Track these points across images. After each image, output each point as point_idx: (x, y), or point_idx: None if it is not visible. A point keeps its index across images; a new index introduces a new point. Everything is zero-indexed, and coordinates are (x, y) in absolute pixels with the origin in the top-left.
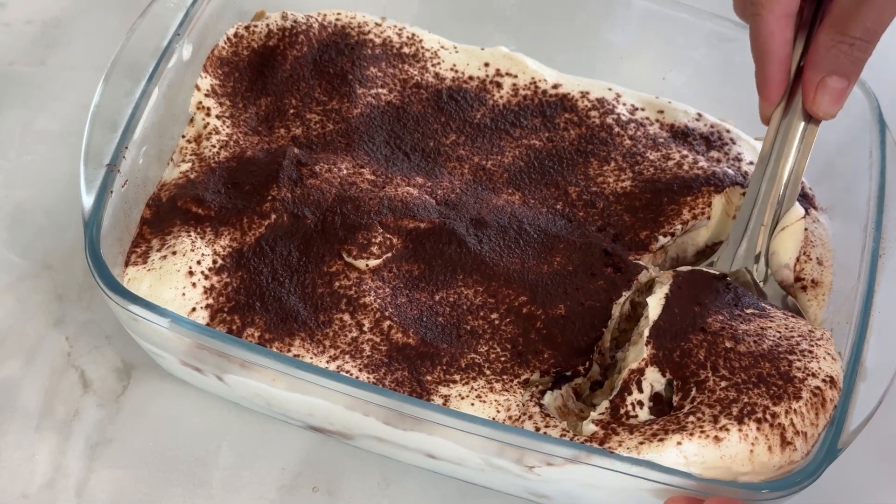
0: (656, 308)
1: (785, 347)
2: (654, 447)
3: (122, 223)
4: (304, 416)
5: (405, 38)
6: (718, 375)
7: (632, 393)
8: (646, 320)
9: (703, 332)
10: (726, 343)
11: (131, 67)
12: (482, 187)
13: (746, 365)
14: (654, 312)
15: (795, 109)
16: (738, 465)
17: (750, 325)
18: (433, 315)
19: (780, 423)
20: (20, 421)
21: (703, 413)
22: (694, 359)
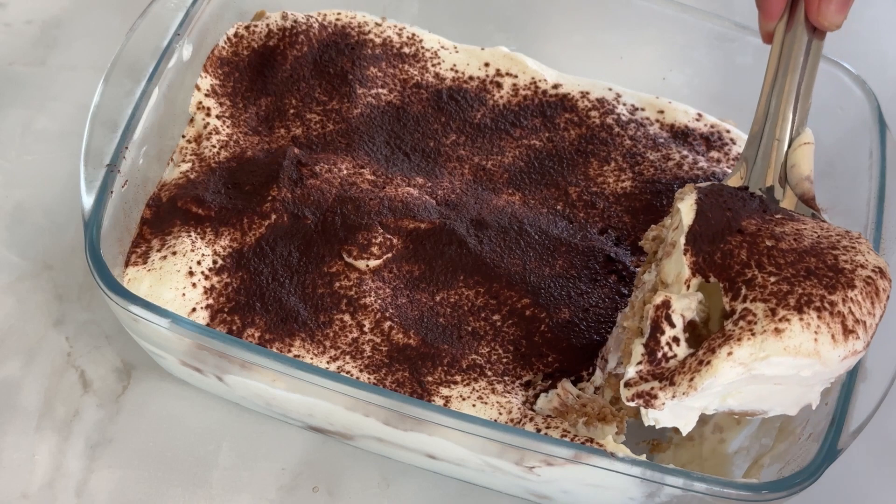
0: (689, 213)
1: (826, 244)
2: (705, 375)
3: (122, 223)
4: (304, 416)
5: (405, 38)
6: (766, 272)
7: (664, 331)
8: (675, 232)
9: (741, 234)
10: (766, 242)
11: (131, 67)
12: (482, 188)
13: (792, 260)
14: (688, 218)
15: (798, 23)
16: (803, 355)
17: (784, 227)
18: (434, 316)
19: (839, 311)
20: (20, 421)
21: (756, 311)
22: (736, 259)
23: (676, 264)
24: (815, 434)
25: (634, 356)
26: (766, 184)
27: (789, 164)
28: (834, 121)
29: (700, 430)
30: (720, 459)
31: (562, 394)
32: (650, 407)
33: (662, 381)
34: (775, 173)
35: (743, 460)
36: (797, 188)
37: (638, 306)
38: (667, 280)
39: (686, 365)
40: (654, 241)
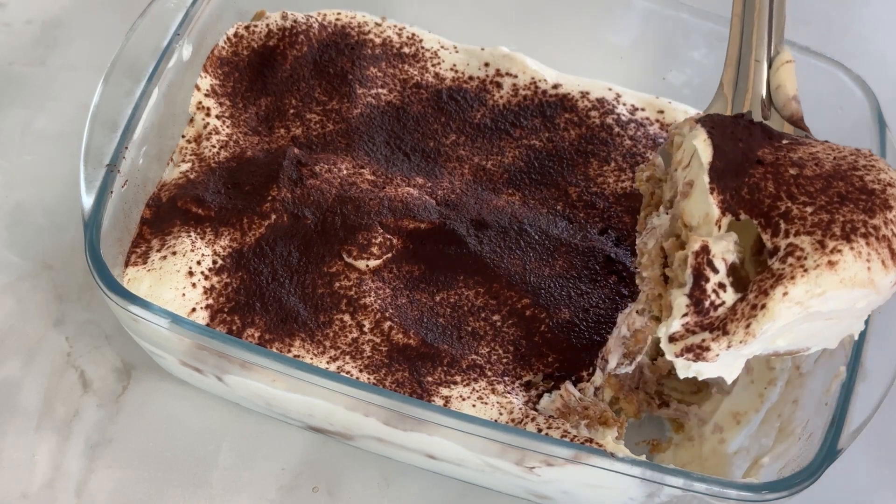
0: (707, 149)
1: (846, 166)
2: (762, 320)
3: (122, 223)
4: (304, 416)
5: (405, 38)
6: (799, 203)
7: (708, 278)
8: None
9: (762, 165)
10: (790, 170)
11: (131, 67)
12: (482, 188)
13: (821, 187)
14: (706, 154)
15: None
16: (858, 286)
17: (798, 152)
18: (434, 316)
19: (883, 234)
20: (20, 421)
21: (804, 245)
22: (765, 192)
23: (701, 204)
24: (814, 434)
25: (677, 309)
26: (744, 108)
27: (773, 85)
28: (834, 121)
29: (700, 430)
30: (720, 459)
31: (564, 395)
32: (701, 360)
33: (714, 332)
34: (755, 97)
35: (743, 460)
36: (784, 110)
37: (654, 253)
38: (691, 222)
39: (738, 311)
40: (650, 182)
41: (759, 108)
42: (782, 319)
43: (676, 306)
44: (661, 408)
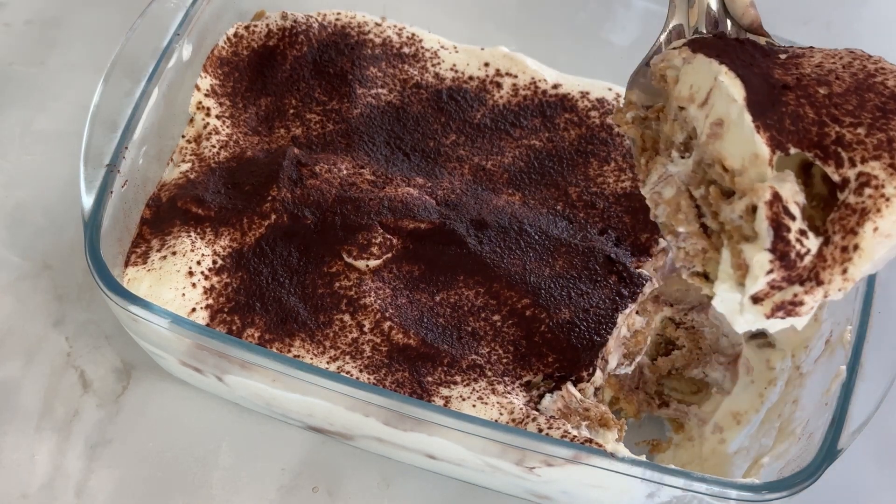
0: (736, 84)
1: (862, 74)
2: (859, 261)
3: (122, 223)
4: (304, 416)
5: (405, 38)
6: (847, 125)
7: (789, 227)
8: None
9: (789, 89)
10: (819, 90)
11: (131, 67)
12: (482, 188)
13: (857, 103)
14: (737, 89)
15: None
16: None
17: (805, 67)
18: (434, 316)
19: None
20: (20, 421)
21: (876, 173)
22: (808, 120)
23: (743, 144)
24: (814, 434)
25: (758, 266)
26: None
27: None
28: None
29: (700, 431)
30: (720, 459)
31: (565, 396)
32: (795, 315)
33: (807, 284)
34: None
35: (743, 460)
36: (744, 18)
37: (685, 205)
38: (734, 166)
39: (827, 257)
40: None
41: (709, 21)
42: (876, 256)
43: (757, 264)
44: (661, 408)
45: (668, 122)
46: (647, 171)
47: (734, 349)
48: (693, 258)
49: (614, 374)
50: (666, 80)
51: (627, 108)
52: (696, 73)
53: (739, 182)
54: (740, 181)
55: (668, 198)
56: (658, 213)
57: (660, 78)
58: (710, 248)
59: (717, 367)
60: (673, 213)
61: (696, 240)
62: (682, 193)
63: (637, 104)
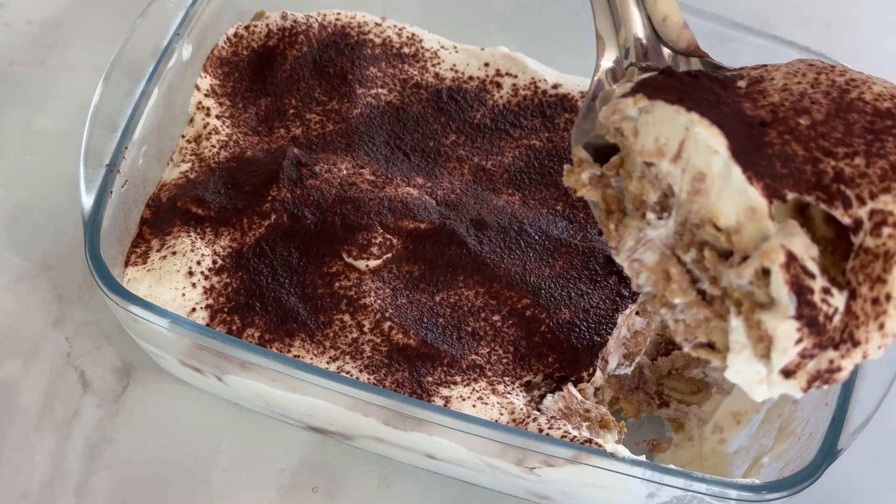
0: (716, 134)
1: (834, 92)
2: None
3: (121, 223)
4: (303, 416)
5: (405, 38)
6: (842, 157)
7: (812, 288)
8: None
9: (767, 126)
10: (800, 120)
11: (131, 67)
12: (482, 188)
13: (844, 128)
14: (718, 139)
15: None
16: None
17: (771, 95)
18: (434, 316)
19: None
20: (20, 421)
21: (889, 207)
22: (798, 159)
23: (735, 198)
24: (815, 434)
25: (784, 337)
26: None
27: (658, 17)
28: None
29: (700, 430)
30: (720, 459)
31: (566, 396)
32: (834, 382)
33: (842, 346)
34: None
35: (743, 460)
36: (679, 42)
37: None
38: (728, 223)
39: (858, 313)
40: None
41: (638, 51)
42: None
43: (782, 335)
44: (661, 408)
45: (632, 180)
46: (617, 237)
47: None
48: (695, 329)
49: (614, 374)
50: (622, 133)
51: (580, 168)
52: (659, 123)
53: (738, 241)
54: (739, 240)
55: (651, 265)
56: (641, 282)
57: (614, 132)
58: (713, 317)
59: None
60: (660, 281)
61: (697, 309)
62: (668, 259)
63: (589, 161)
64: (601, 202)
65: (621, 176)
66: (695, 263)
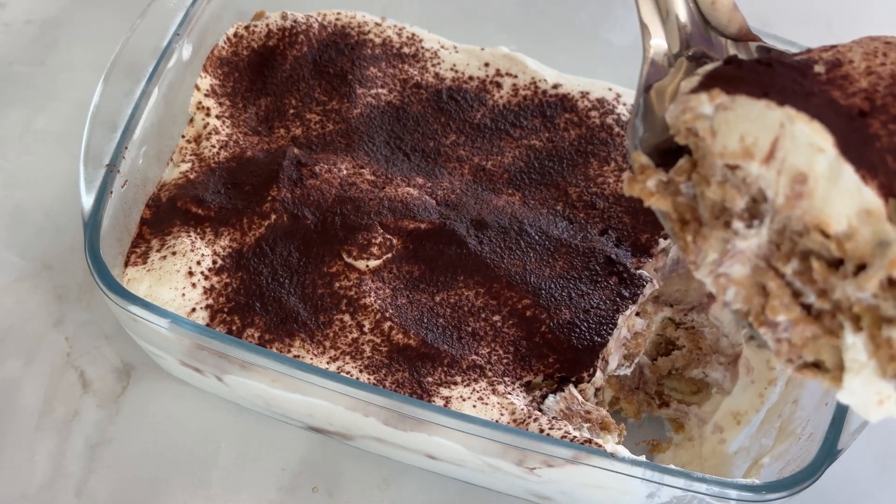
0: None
1: None
2: None
3: (121, 223)
4: (303, 416)
5: (405, 38)
6: None
7: None
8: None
9: (867, 116)
10: None
11: (131, 67)
12: (482, 188)
13: None
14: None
15: None
16: None
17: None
18: (434, 316)
19: None
20: (20, 421)
21: None
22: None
23: (845, 200)
24: (815, 434)
25: None
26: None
27: (707, 1)
28: None
29: (700, 431)
30: (720, 459)
31: (568, 397)
32: None
33: None
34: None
35: (743, 460)
36: (731, 26)
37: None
38: (839, 229)
39: None
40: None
41: (685, 38)
42: None
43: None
44: (662, 408)
45: (711, 185)
46: (696, 250)
47: (734, 349)
48: (801, 349)
49: (614, 374)
50: (696, 134)
51: (644, 176)
52: (744, 121)
53: (851, 249)
54: (852, 247)
55: (740, 279)
56: (730, 298)
57: (686, 132)
58: (823, 334)
59: (718, 367)
60: (754, 297)
61: (804, 326)
62: (763, 272)
63: (652, 167)
64: (673, 212)
65: (694, 181)
66: (797, 275)
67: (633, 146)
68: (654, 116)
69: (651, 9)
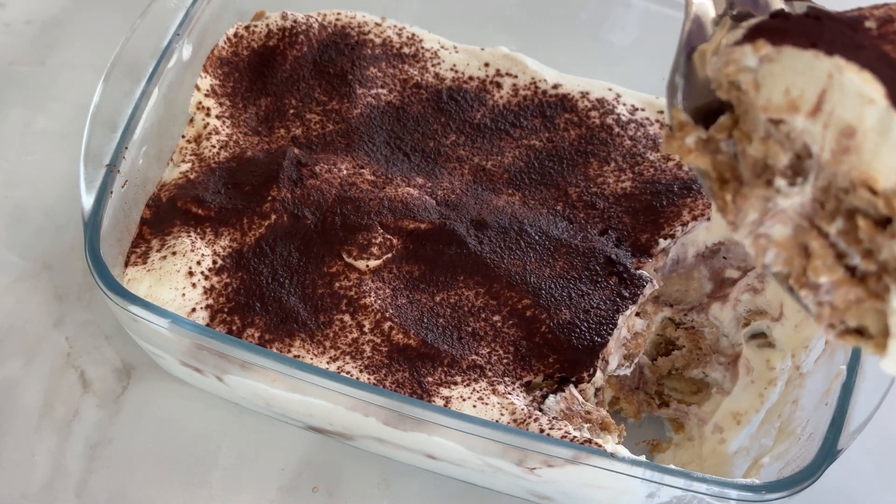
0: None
1: None
2: None
3: (122, 223)
4: (304, 416)
5: (405, 39)
6: None
7: None
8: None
9: None
10: None
11: (131, 67)
12: (482, 188)
13: None
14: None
15: None
16: None
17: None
18: (434, 316)
19: None
20: (20, 421)
21: None
22: None
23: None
24: (814, 434)
25: None
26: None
27: None
28: None
29: (700, 431)
30: (720, 459)
31: (568, 398)
32: None
33: None
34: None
35: (743, 460)
36: None
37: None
38: (888, 185)
39: None
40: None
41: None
42: None
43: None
44: (661, 408)
45: (753, 142)
46: (736, 210)
47: (734, 349)
48: (844, 312)
49: (614, 374)
50: (739, 87)
51: (683, 133)
52: (790, 72)
53: None
54: None
55: (781, 240)
56: (769, 260)
57: (728, 86)
58: (867, 297)
59: (717, 367)
60: (795, 258)
61: (847, 288)
62: (805, 232)
63: (691, 124)
64: (712, 171)
65: (735, 139)
66: (842, 235)
67: (671, 103)
68: (696, 79)
69: None
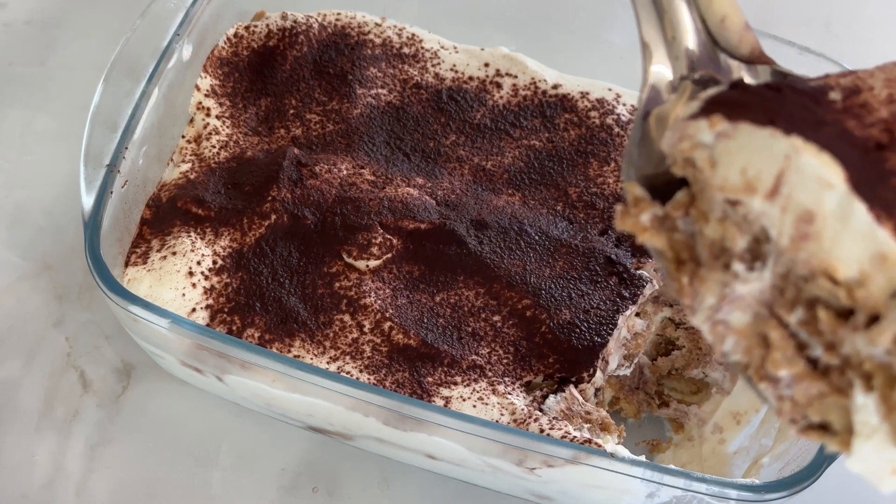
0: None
1: None
2: None
3: (122, 223)
4: (304, 416)
5: (405, 39)
6: None
7: None
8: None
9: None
10: None
11: (131, 67)
12: (482, 188)
13: None
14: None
15: None
16: None
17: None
18: (434, 316)
19: None
20: (20, 421)
21: None
22: None
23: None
24: None
25: None
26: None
27: (715, 18)
28: None
29: (700, 431)
30: (720, 459)
31: (569, 398)
32: None
33: None
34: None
35: (743, 460)
36: (742, 46)
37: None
38: (849, 275)
39: None
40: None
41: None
42: None
43: None
44: (661, 408)
45: (710, 222)
46: (693, 293)
47: None
48: (806, 408)
49: (614, 374)
50: (695, 164)
51: (638, 209)
52: (746, 151)
53: (863, 297)
54: (864, 295)
55: (740, 328)
56: (728, 349)
57: (683, 163)
58: (830, 392)
59: (717, 367)
60: (754, 348)
61: (809, 383)
62: (764, 321)
63: (647, 199)
64: (668, 250)
65: (692, 217)
66: (803, 325)
67: (627, 176)
68: (652, 145)
69: (654, 26)
